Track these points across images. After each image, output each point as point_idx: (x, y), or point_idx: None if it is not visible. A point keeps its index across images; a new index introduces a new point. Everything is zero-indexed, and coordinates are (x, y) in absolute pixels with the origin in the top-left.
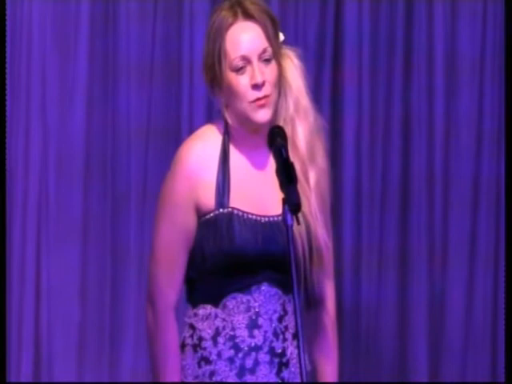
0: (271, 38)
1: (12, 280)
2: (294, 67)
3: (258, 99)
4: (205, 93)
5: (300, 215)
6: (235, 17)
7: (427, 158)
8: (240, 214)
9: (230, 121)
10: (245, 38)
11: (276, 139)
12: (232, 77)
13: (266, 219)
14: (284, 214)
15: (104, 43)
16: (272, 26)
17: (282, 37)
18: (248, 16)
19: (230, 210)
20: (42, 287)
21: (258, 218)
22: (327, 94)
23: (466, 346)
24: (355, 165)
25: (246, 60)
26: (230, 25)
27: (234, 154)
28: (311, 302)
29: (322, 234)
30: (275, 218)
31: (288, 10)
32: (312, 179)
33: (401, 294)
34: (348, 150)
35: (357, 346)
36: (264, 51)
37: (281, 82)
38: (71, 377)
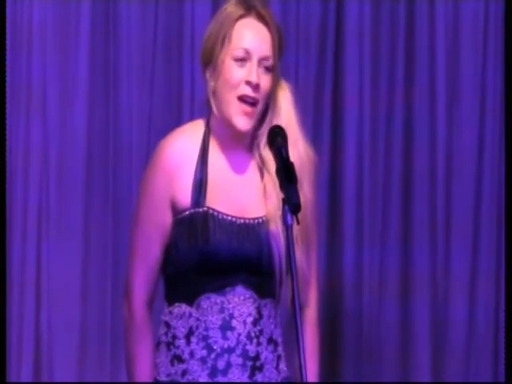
0: (275, 50)
1: (13, 280)
2: (287, 99)
3: (246, 96)
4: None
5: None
6: (248, 11)
7: (429, 159)
8: (215, 214)
9: (214, 109)
10: (253, 34)
11: (276, 139)
12: (230, 65)
13: (242, 221)
14: (284, 213)
15: (105, 43)
16: (278, 40)
17: None
18: (261, 18)
19: (205, 209)
20: (42, 287)
21: (234, 220)
22: (328, 93)
23: (468, 346)
24: (356, 166)
25: (248, 55)
26: (242, 16)
27: (214, 153)
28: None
29: (299, 256)
30: (251, 221)
31: (290, 9)
32: None
33: (403, 295)
34: (349, 149)
35: (359, 351)
36: (266, 58)
37: (272, 107)
38: (72, 377)
